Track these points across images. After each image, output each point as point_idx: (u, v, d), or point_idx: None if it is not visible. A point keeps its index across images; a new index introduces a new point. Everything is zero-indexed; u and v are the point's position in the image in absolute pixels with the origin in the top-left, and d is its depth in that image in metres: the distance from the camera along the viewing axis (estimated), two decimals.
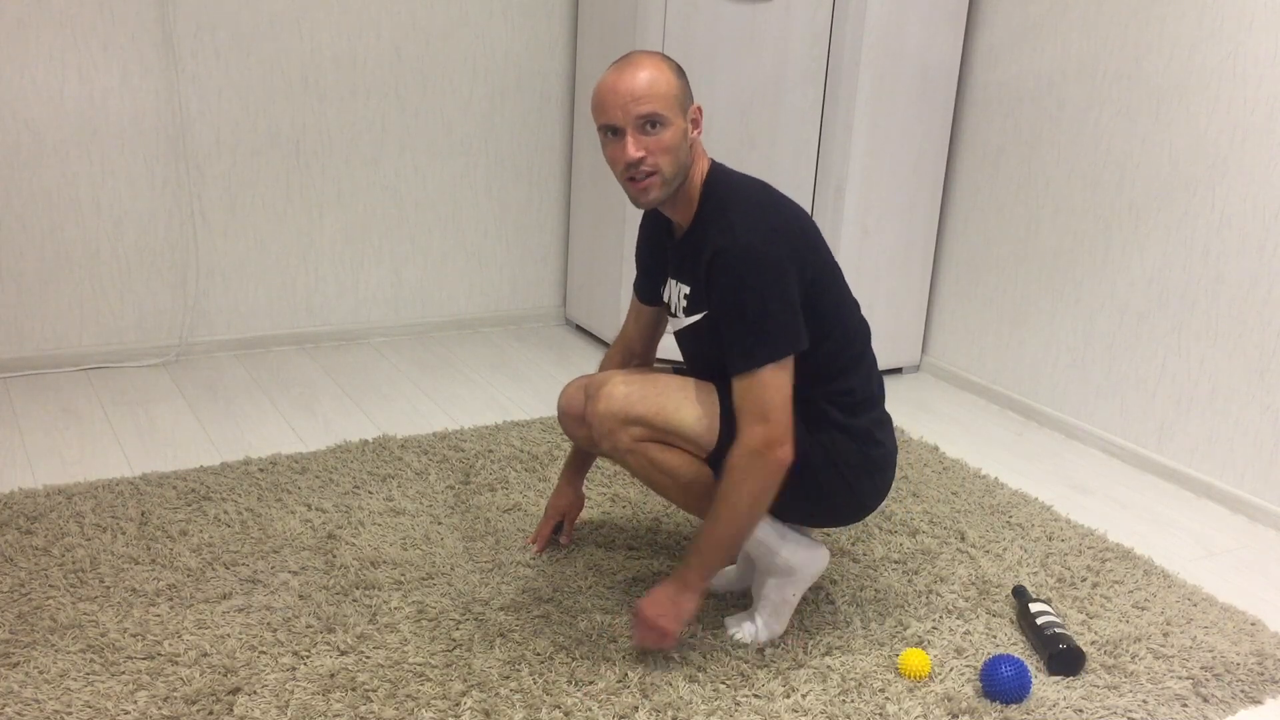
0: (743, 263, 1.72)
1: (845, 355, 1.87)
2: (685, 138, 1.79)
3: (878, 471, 1.91)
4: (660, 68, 1.76)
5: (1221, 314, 2.74)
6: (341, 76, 3.34)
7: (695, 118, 1.81)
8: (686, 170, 1.81)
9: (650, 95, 1.74)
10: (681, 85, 1.78)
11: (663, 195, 1.81)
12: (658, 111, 1.74)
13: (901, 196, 3.35)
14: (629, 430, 1.82)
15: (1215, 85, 2.69)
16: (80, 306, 3.17)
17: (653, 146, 1.76)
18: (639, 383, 1.84)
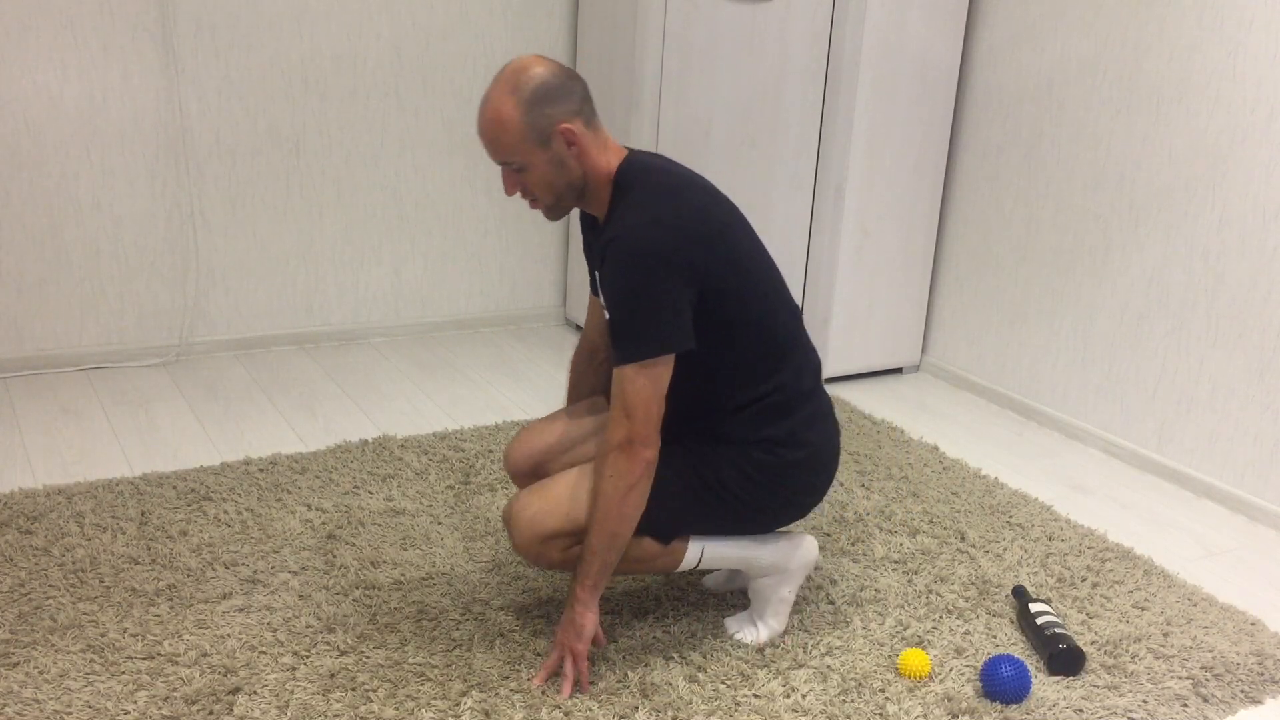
0: (623, 256, 1.68)
1: (764, 356, 1.82)
2: (555, 166, 1.75)
3: (806, 473, 1.87)
4: (502, 110, 1.71)
5: (1221, 314, 2.74)
6: (341, 76, 3.34)
7: (567, 139, 1.74)
8: (573, 186, 1.79)
9: (496, 145, 1.74)
10: (530, 121, 1.71)
11: (558, 213, 1.83)
12: (508, 160, 1.74)
13: (901, 196, 3.35)
14: (551, 546, 1.80)
15: (1215, 85, 2.69)
16: (80, 306, 3.17)
17: (522, 184, 1.78)
18: (538, 496, 1.81)
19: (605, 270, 1.71)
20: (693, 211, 1.74)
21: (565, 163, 1.76)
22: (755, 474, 1.83)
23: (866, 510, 2.55)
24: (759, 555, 1.93)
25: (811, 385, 1.89)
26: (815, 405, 1.89)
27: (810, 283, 3.34)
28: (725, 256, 1.75)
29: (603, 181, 1.80)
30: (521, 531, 1.80)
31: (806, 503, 1.92)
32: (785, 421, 1.84)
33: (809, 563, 1.97)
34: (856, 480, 2.72)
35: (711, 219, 1.76)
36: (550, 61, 1.75)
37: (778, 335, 1.83)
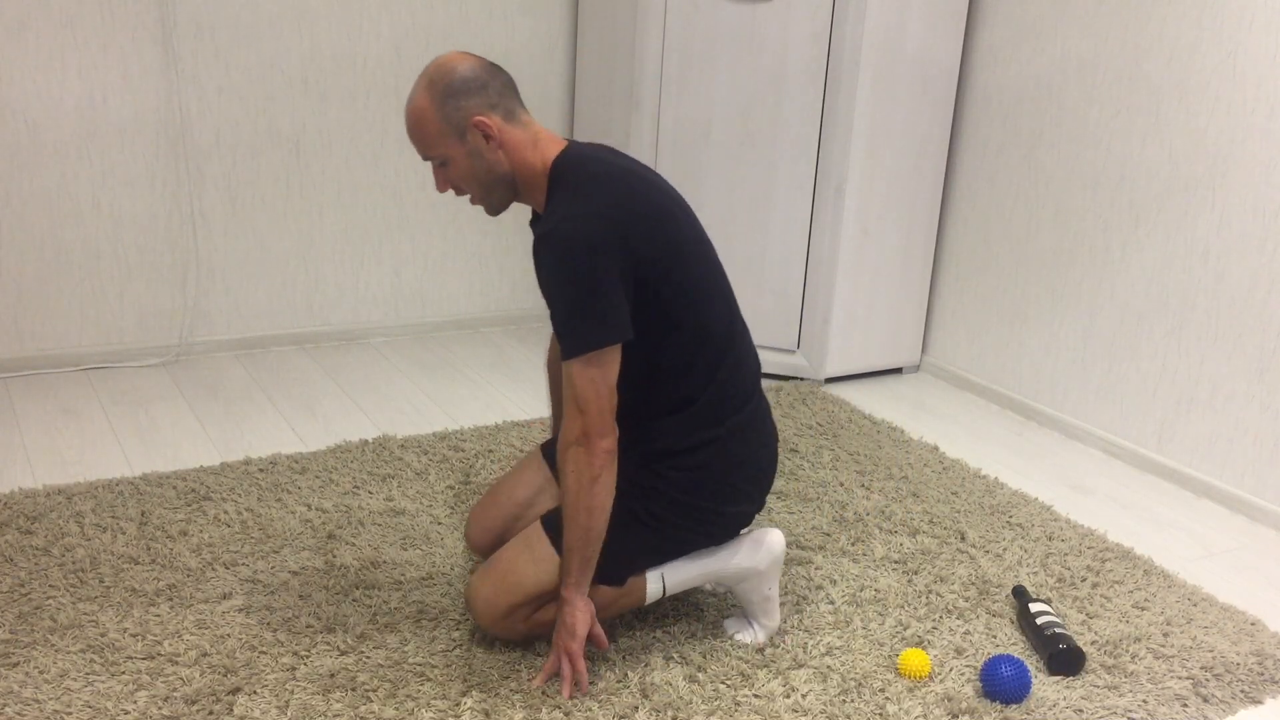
0: (554, 249, 1.66)
1: (701, 354, 1.80)
2: (477, 158, 1.76)
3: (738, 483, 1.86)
4: (419, 105, 1.74)
5: (1221, 314, 2.74)
6: (341, 76, 3.34)
7: (484, 131, 1.75)
8: (504, 179, 1.79)
9: (418, 140, 1.77)
10: (445, 114, 1.73)
11: (494, 209, 1.84)
12: (432, 154, 1.77)
13: (901, 196, 3.35)
14: (513, 620, 1.83)
15: (1215, 85, 2.69)
16: (80, 306, 3.17)
17: (449, 179, 1.80)
18: (487, 579, 1.83)
19: (538, 265, 1.70)
20: (628, 198, 1.73)
21: (484, 155, 1.77)
22: (683, 497, 1.83)
23: (866, 510, 2.55)
24: (724, 567, 1.92)
25: (750, 388, 1.88)
26: (751, 410, 1.87)
27: (810, 283, 3.34)
28: (663, 244, 1.74)
29: (536, 175, 1.79)
30: (481, 616, 1.85)
31: (746, 511, 1.91)
32: (717, 429, 1.83)
33: (778, 556, 1.95)
34: (856, 480, 2.72)
35: (650, 205, 1.74)
36: (473, 57, 1.77)
37: (716, 332, 1.82)
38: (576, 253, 1.65)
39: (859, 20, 3.06)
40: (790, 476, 2.71)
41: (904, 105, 3.24)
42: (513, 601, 1.82)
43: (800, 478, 2.71)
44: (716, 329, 1.82)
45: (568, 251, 1.65)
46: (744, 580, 1.94)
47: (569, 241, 1.66)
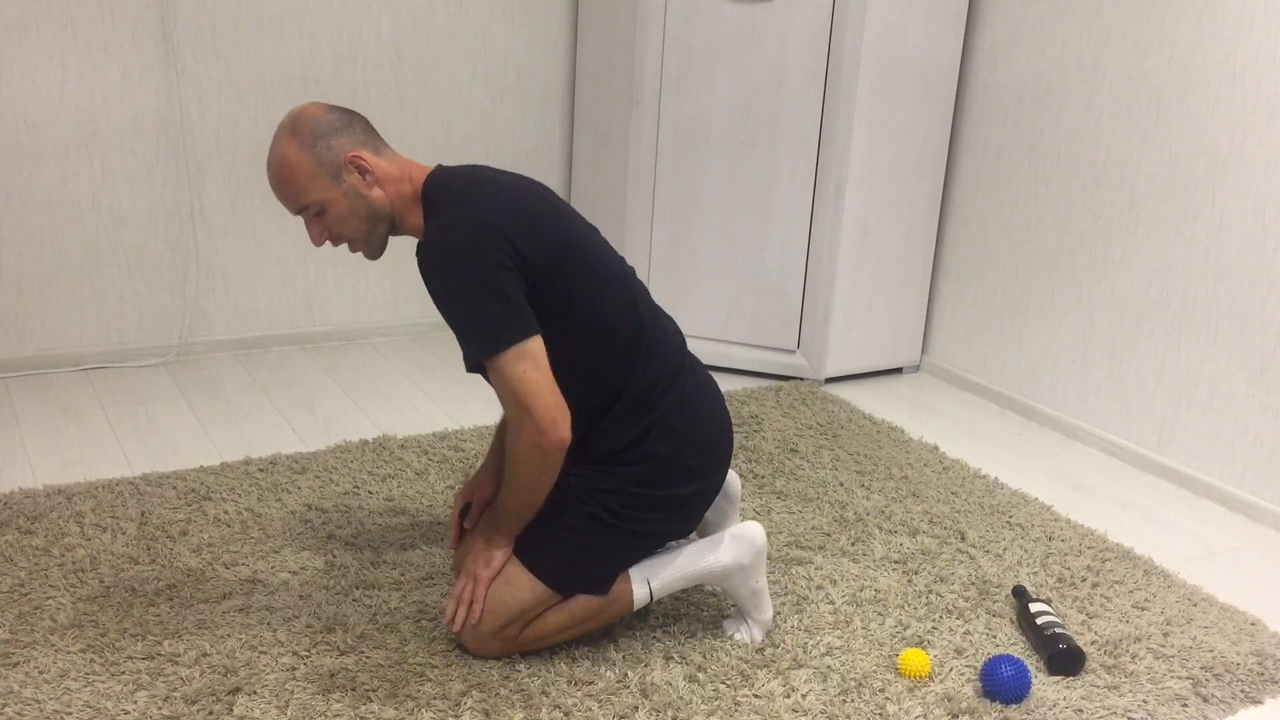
0: (436, 264, 1.66)
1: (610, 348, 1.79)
2: (353, 198, 1.76)
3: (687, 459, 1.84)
4: (288, 154, 1.72)
5: (1221, 314, 2.74)
6: (341, 76, 3.34)
7: (359, 166, 1.74)
8: (381, 215, 1.79)
9: (290, 192, 1.74)
10: (317, 155, 1.72)
11: (374, 251, 1.83)
12: (306, 204, 1.74)
13: (901, 196, 3.35)
14: (501, 638, 1.84)
15: (1215, 85, 2.69)
16: (80, 306, 3.17)
17: (326, 228, 1.78)
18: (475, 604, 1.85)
19: (429, 279, 1.68)
20: (500, 203, 1.72)
21: (362, 194, 1.76)
22: (639, 489, 1.83)
23: (866, 510, 2.55)
24: (709, 566, 1.92)
25: (675, 367, 1.86)
26: (681, 387, 1.86)
27: (810, 283, 3.34)
28: (547, 244, 1.73)
29: (409, 203, 1.80)
30: (469, 638, 1.86)
31: (706, 488, 1.89)
32: (651, 414, 1.82)
33: (760, 547, 1.94)
34: (856, 480, 2.72)
35: (525, 208, 1.74)
36: (324, 104, 1.78)
37: (620, 323, 1.80)
38: (466, 256, 1.64)
39: (859, 20, 3.06)
40: (790, 476, 2.71)
41: (904, 105, 3.24)
42: (496, 624, 1.83)
43: (800, 478, 2.71)
44: (620, 320, 1.80)
45: (458, 257, 1.64)
46: (730, 577, 1.94)
47: (457, 247, 1.65)
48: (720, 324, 3.45)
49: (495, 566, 1.83)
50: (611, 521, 1.84)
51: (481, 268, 1.64)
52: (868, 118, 3.18)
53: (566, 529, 1.84)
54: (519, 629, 1.85)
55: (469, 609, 1.83)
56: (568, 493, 1.86)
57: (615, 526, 1.84)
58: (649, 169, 3.35)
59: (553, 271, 1.73)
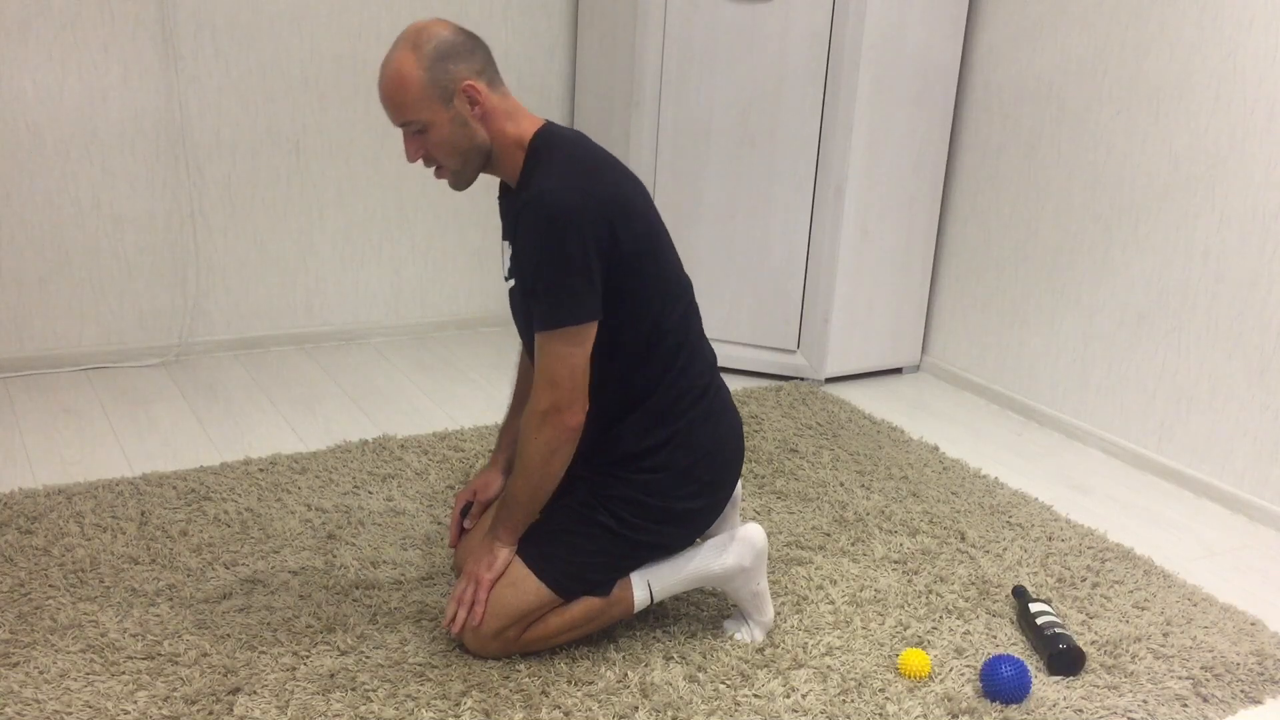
0: (543, 218, 1.65)
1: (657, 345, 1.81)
2: (459, 125, 1.73)
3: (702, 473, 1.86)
4: (403, 68, 1.69)
5: (1221, 314, 2.74)
6: (341, 76, 3.34)
7: (471, 96, 1.72)
8: (480, 149, 1.76)
9: (397, 104, 1.71)
10: (431, 77, 1.69)
11: (463, 182, 1.80)
12: (409, 120, 1.72)
13: (901, 196, 3.35)
14: (502, 639, 1.84)
15: (1215, 85, 2.69)
16: (80, 306, 3.17)
17: (425, 146, 1.75)
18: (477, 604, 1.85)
19: (521, 233, 1.68)
20: (608, 184, 1.73)
21: (468, 123, 1.74)
22: (650, 499, 1.84)
23: (866, 510, 2.55)
24: (710, 568, 1.92)
25: (705, 382, 1.88)
26: (709, 402, 1.88)
27: (810, 283, 3.34)
28: (639, 235, 1.74)
29: (512, 146, 1.78)
30: (470, 639, 1.86)
31: (714, 504, 1.91)
32: (674, 424, 1.83)
33: (761, 550, 1.94)
34: (856, 480, 2.72)
35: (628, 195, 1.75)
36: (451, 23, 1.75)
37: (672, 326, 1.82)
38: (570, 226, 1.65)
39: (859, 20, 3.06)
40: (790, 476, 2.71)
41: (904, 105, 3.24)
42: (498, 625, 1.83)
43: (800, 478, 2.71)
44: (671, 326, 1.82)
45: (563, 224, 1.65)
46: (731, 579, 1.94)
47: (564, 210, 1.65)
48: (720, 324, 3.45)
49: (497, 569, 1.83)
50: (619, 530, 1.84)
51: (580, 242, 1.66)
52: (868, 118, 3.18)
53: (573, 534, 1.84)
54: (520, 631, 1.85)
55: (470, 611, 1.83)
56: (578, 497, 1.86)
57: (622, 535, 1.84)
58: (649, 169, 3.35)
59: (633, 263, 1.74)
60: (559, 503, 1.86)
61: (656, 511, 1.85)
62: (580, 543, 1.84)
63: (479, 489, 2.08)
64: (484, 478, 2.09)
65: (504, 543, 1.84)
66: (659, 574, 1.91)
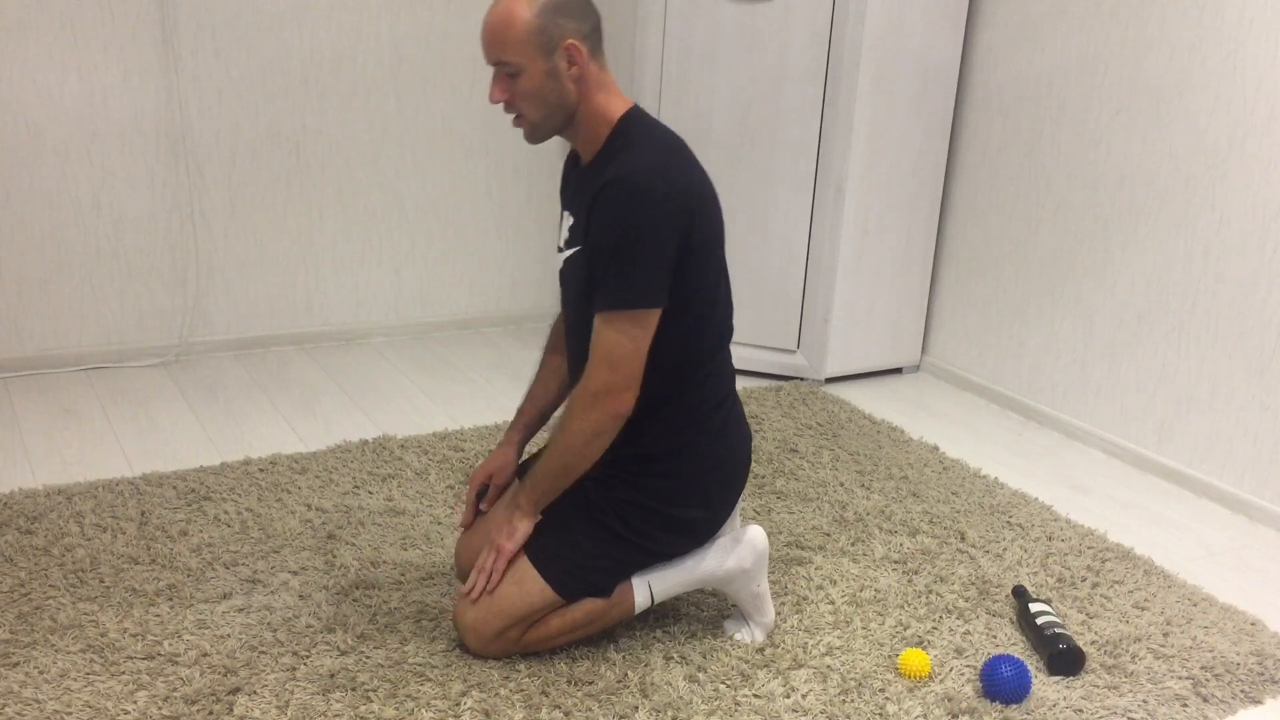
0: (630, 198, 1.65)
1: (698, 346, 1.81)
2: (551, 79, 1.70)
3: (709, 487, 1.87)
4: (515, 7, 1.66)
5: (1221, 314, 2.74)
6: (341, 76, 3.34)
7: (572, 55, 1.70)
8: (565, 109, 1.74)
9: (498, 42, 1.68)
10: (540, 25, 1.67)
11: (538, 136, 1.78)
12: (505, 60, 1.69)
13: (901, 196, 3.35)
14: (503, 639, 1.84)
15: (1215, 85, 2.69)
16: (80, 306, 3.17)
17: (511, 91, 1.72)
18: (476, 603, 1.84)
19: (606, 211, 1.67)
20: (694, 175, 1.74)
21: (561, 81, 1.71)
22: (659, 505, 1.84)
23: (866, 510, 2.55)
24: (711, 571, 1.92)
25: (724, 394, 1.90)
26: (724, 415, 1.89)
27: (810, 283, 3.34)
28: (710, 233, 1.75)
29: (598, 119, 1.77)
30: (471, 639, 1.86)
31: (720, 516, 1.92)
32: (692, 430, 1.84)
33: (762, 552, 1.94)
34: (856, 480, 2.72)
35: (704, 186, 1.76)
36: None
37: (713, 332, 1.83)
38: (657, 209, 1.65)
39: (859, 20, 3.06)
40: (790, 476, 2.71)
41: (904, 105, 3.24)
42: (501, 625, 1.83)
43: (800, 478, 2.71)
44: (712, 331, 1.83)
45: (647, 202, 1.65)
46: (732, 581, 1.94)
47: (652, 193, 1.65)
48: None
49: (518, 539, 1.83)
50: (625, 535, 1.84)
51: (663, 226, 1.66)
52: (868, 118, 3.18)
53: (579, 535, 1.84)
54: (521, 631, 1.85)
55: (488, 579, 1.82)
56: (586, 497, 1.86)
57: (626, 540, 1.85)
58: None
59: (698, 258, 1.74)
60: (567, 501, 1.86)
61: (661, 518, 1.85)
62: (586, 544, 1.84)
63: (494, 472, 2.06)
64: (499, 459, 2.07)
65: (525, 513, 1.83)
66: (660, 576, 1.91)
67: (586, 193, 1.75)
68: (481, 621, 1.84)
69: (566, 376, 2.01)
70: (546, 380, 2.07)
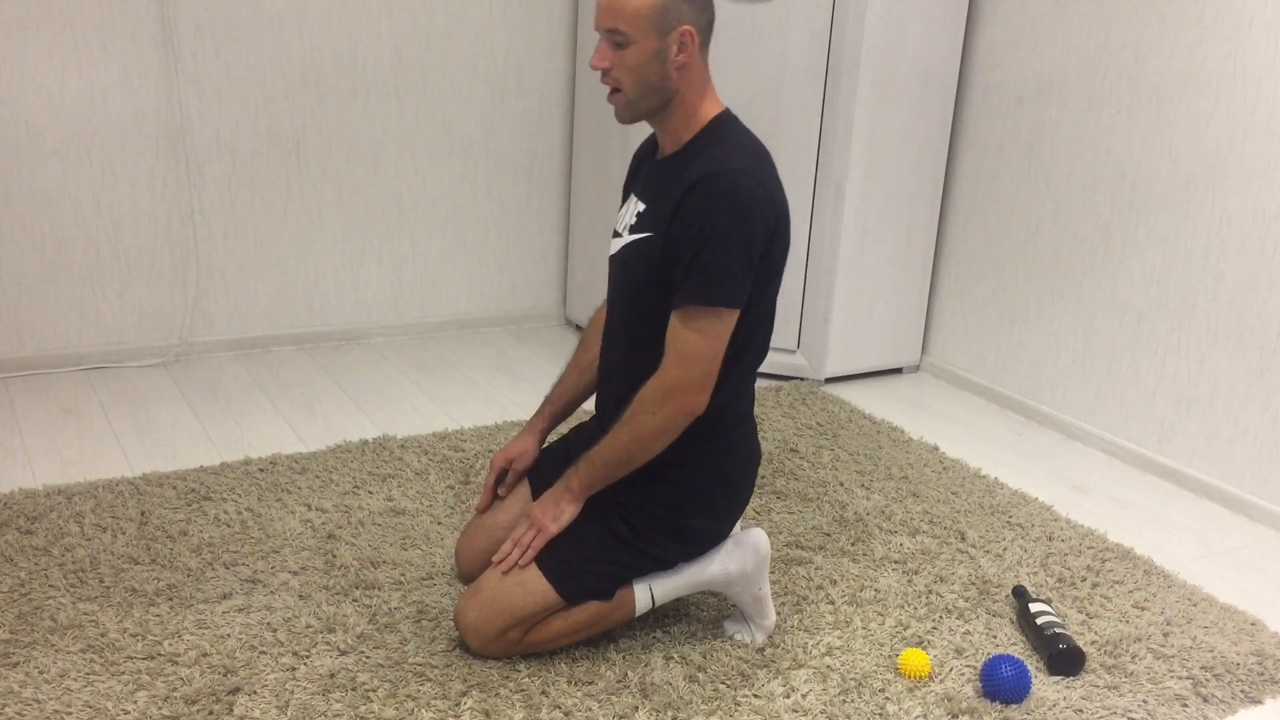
0: (728, 196, 1.66)
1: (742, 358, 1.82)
2: (658, 60, 1.70)
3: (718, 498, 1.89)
4: None
5: (1221, 314, 2.74)
6: (341, 76, 3.34)
7: (684, 43, 1.70)
8: (662, 93, 1.74)
9: (616, 9, 1.67)
10: (663, 4, 1.67)
11: (629, 114, 1.76)
12: (619, 29, 1.68)
13: (901, 196, 3.35)
14: (505, 639, 1.84)
15: (1215, 85, 2.69)
16: (80, 306, 3.17)
17: (616, 61, 1.71)
18: (474, 601, 1.85)
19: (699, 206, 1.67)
20: (778, 184, 1.76)
21: (666, 64, 1.71)
22: (666, 514, 1.85)
23: (866, 510, 2.55)
24: (713, 574, 1.93)
25: (748, 410, 1.93)
26: (743, 430, 1.91)
27: (810, 283, 3.34)
28: (782, 248, 1.78)
29: (691, 113, 1.77)
30: (473, 638, 1.86)
31: (724, 528, 1.93)
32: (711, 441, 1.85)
33: (764, 556, 1.95)
34: (856, 480, 2.71)
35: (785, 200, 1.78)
36: None
37: (755, 349, 1.85)
38: (752, 211, 1.67)
39: (859, 20, 3.06)
40: (790, 476, 2.71)
41: (904, 105, 3.24)
42: (503, 625, 1.83)
43: (800, 478, 2.71)
44: (757, 347, 1.86)
45: (745, 204, 1.66)
46: (733, 584, 1.94)
47: (749, 196, 1.66)
48: None
49: (563, 521, 1.83)
50: (632, 539, 1.85)
51: (754, 228, 1.67)
52: (868, 117, 3.18)
53: (585, 537, 1.85)
54: (522, 632, 1.85)
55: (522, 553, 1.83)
56: (593, 500, 1.87)
57: (632, 545, 1.85)
58: None
59: (768, 270, 1.77)
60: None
61: (668, 526, 1.86)
62: (591, 547, 1.84)
63: (515, 457, 2.07)
64: (521, 444, 2.08)
65: (575, 497, 1.83)
66: (661, 579, 1.91)
67: (670, 183, 1.75)
68: (483, 620, 1.84)
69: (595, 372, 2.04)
70: (580, 373, 2.09)
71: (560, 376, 2.12)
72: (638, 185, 1.90)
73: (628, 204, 1.90)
